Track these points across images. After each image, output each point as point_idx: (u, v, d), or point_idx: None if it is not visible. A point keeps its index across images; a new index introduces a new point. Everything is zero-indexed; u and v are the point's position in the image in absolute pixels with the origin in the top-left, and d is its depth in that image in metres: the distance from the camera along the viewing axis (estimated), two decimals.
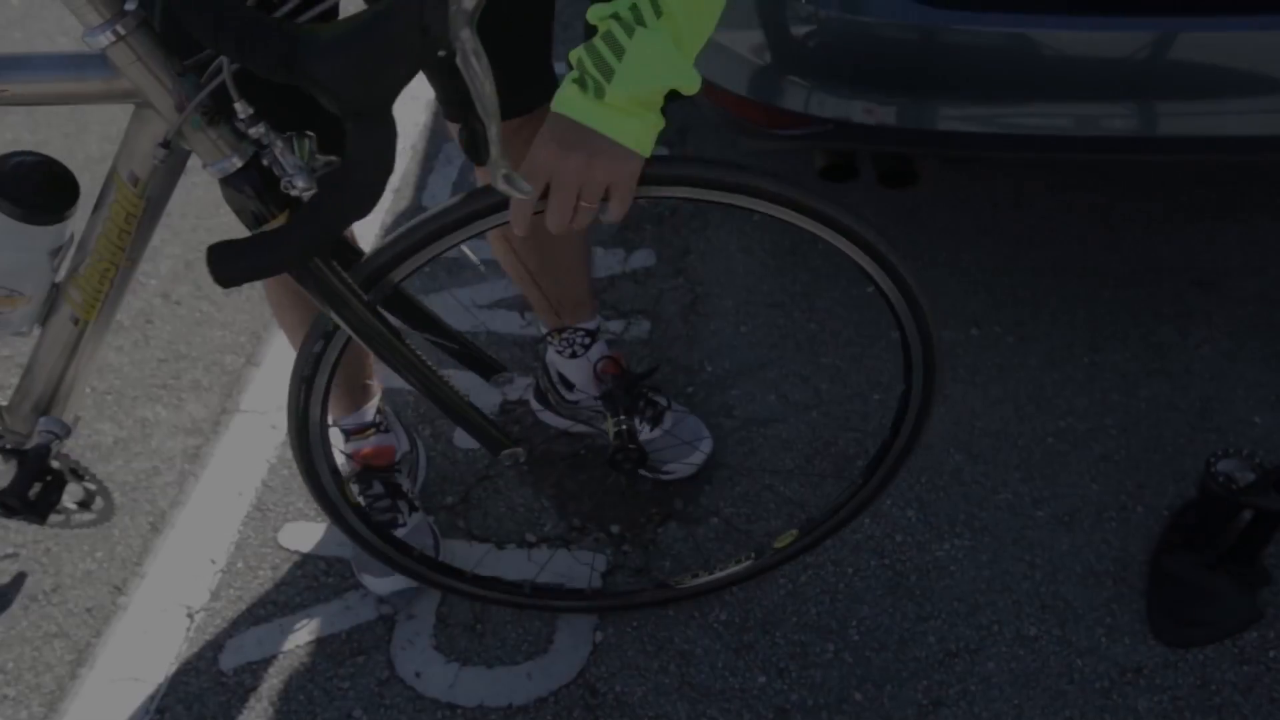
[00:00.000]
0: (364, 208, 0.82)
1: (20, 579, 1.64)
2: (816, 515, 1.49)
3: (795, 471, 1.76)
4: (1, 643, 1.55)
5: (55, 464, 1.26)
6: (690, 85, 0.91)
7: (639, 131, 0.92)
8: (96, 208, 1.04)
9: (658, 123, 0.93)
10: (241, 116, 0.88)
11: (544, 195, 0.98)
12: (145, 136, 0.95)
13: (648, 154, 0.95)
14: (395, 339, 1.12)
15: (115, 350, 2.04)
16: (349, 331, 1.08)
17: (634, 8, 0.88)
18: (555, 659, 1.53)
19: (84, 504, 1.41)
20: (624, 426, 1.41)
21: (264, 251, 0.84)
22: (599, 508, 1.72)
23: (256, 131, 0.89)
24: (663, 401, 1.75)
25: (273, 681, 1.51)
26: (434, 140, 2.53)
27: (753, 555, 1.54)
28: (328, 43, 0.70)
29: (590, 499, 1.73)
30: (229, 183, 0.93)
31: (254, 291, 2.12)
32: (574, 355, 1.72)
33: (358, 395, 1.63)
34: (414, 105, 2.64)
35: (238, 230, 1.00)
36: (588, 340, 1.71)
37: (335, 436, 1.68)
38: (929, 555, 1.64)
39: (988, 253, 2.14)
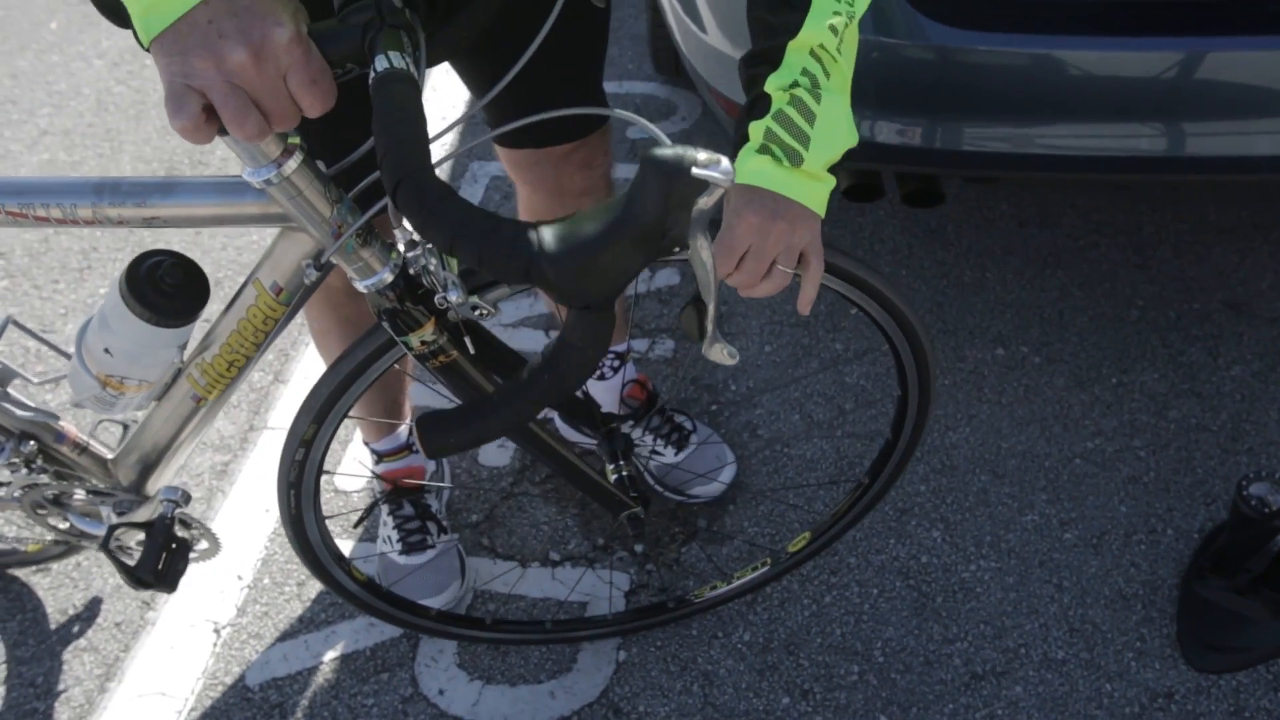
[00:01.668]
0: (574, 385, 0.83)
1: (51, 593, 1.66)
2: (826, 517, 1.50)
3: (805, 484, 1.75)
4: (32, 656, 1.57)
5: (179, 531, 1.26)
6: (855, 140, 0.92)
7: (823, 195, 0.92)
8: (230, 307, 1.03)
9: (831, 183, 0.94)
10: (402, 241, 0.88)
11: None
12: (294, 254, 0.95)
13: (823, 215, 0.96)
14: (537, 432, 1.17)
15: None
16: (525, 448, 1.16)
17: (806, 72, 0.88)
18: (579, 678, 1.53)
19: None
20: (624, 474, 1.25)
21: (476, 423, 0.85)
22: (623, 527, 1.72)
23: (414, 253, 0.90)
24: (688, 425, 1.75)
25: (298, 698, 1.52)
26: (460, 161, 2.56)
27: (768, 561, 1.54)
28: (565, 249, 0.69)
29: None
30: (379, 292, 0.95)
31: None
32: (602, 378, 1.72)
33: (393, 416, 1.64)
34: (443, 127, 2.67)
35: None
36: (617, 363, 1.72)
37: (368, 460, 1.70)
38: (955, 577, 1.63)
39: (1014, 272, 2.13)
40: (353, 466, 1.83)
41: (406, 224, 0.82)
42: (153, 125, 2.75)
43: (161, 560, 1.22)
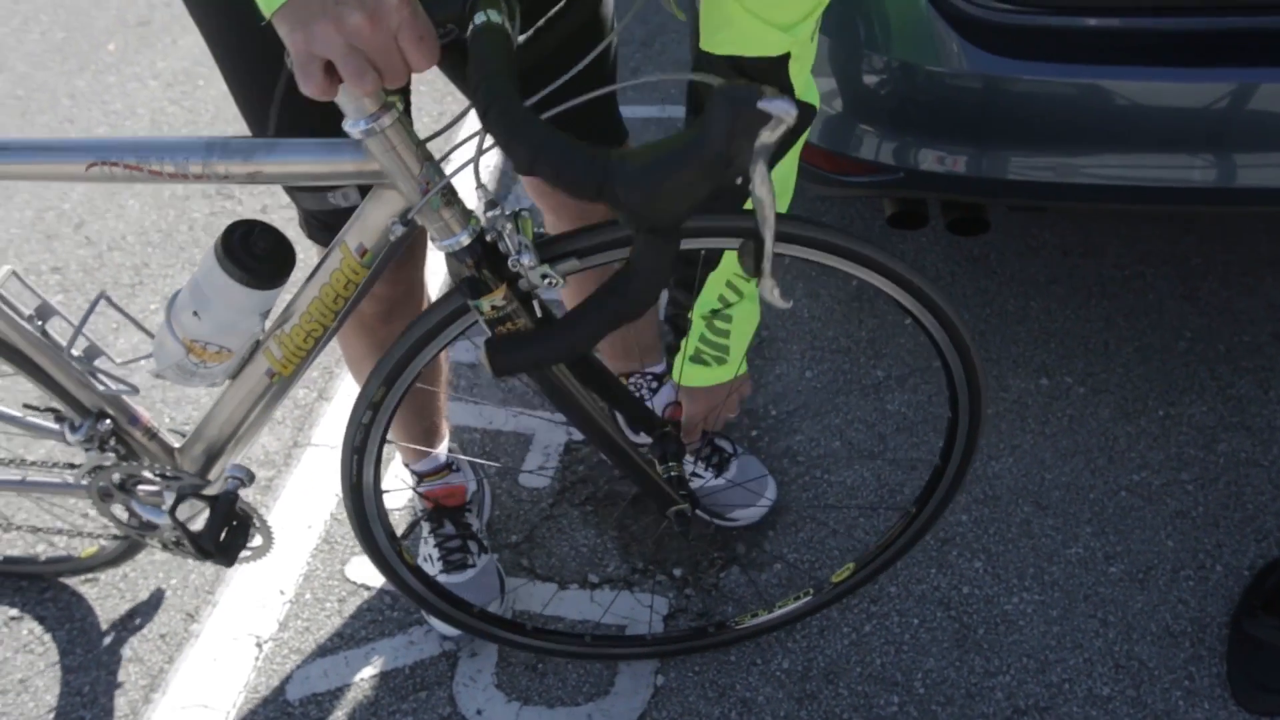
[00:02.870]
0: (638, 311, 0.87)
1: (99, 603, 1.69)
2: (872, 547, 1.49)
3: (851, 507, 1.74)
4: (79, 665, 1.60)
5: (240, 509, 1.32)
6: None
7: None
8: (312, 276, 1.08)
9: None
10: (483, 200, 0.94)
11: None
12: (382, 213, 1.00)
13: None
14: (597, 419, 1.18)
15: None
16: (564, 414, 1.17)
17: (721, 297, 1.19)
18: (616, 701, 1.52)
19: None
20: (674, 474, 1.31)
21: (542, 344, 0.90)
22: (661, 550, 1.72)
23: (493, 214, 0.95)
24: (728, 448, 1.75)
25: (337, 714, 1.53)
26: (504, 181, 2.59)
27: (811, 591, 1.53)
28: (637, 171, 0.74)
29: (653, 541, 1.73)
30: (455, 256, 0.99)
31: None
32: (641, 399, 1.73)
33: (431, 438, 1.66)
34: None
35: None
36: (655, 384, 1.72)
37: (409, 478, 1.71)
38: (997, 609, 1.61)
39: (1058, 301, 2.11)
40: (395, 485, 1.85)
41: (488, 185, 0.85)
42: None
43: (223, 533, 1.27)
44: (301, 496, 1.85)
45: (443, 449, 1.69)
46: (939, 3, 1.53)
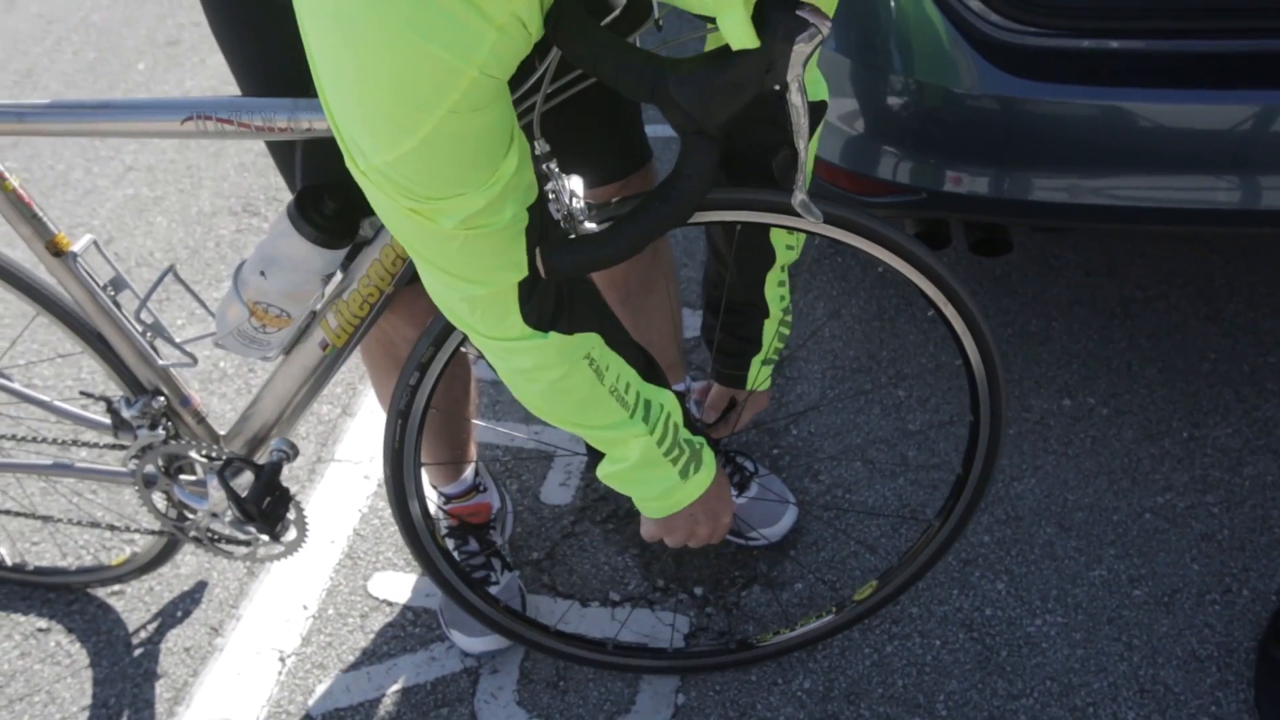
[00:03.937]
0: (684, 215, 0.91)
1: (126, 616, 1.71)
2: (895, 562, 1.48)
3: (871, 515, 1.74)
4: (106, 677, 1.61)
5: (283, 483, 1.36)
6: None
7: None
8: (371, 240, 1.13)
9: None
10: (538, 153, 0.99)
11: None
12: None
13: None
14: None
15: (219, 398, 2.13)
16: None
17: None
18: (637, 719, 1.53)
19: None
20: None
21: (592, 248, 0.95)
22: (683, 568, 1.72)
23: (549, 168, 1.00)
24: (749, 467, 1.75)
25: None
26: None
27: (834, 609, 1.52)
28: (689, 74, 0.81)
29: (674, 559, 1.73)
30: None
31: None
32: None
33: (459, 459, 1.67)
34: None
35: None
36: None
37: (435, 498, 1.72)
38: (1020, 631, 1.60)
39: (1080, 322, 2.11)
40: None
41: (540, 143, 0.98)
42: (230, 163, 2.86)
43: (265, 501, 1.31)
44: (324, 512, 1.86)
45: (471, 468, 1.70)
46: (961, 24, 1.54)
